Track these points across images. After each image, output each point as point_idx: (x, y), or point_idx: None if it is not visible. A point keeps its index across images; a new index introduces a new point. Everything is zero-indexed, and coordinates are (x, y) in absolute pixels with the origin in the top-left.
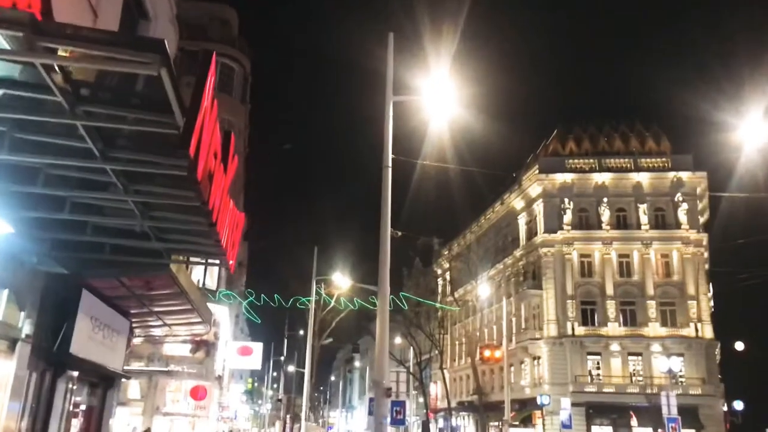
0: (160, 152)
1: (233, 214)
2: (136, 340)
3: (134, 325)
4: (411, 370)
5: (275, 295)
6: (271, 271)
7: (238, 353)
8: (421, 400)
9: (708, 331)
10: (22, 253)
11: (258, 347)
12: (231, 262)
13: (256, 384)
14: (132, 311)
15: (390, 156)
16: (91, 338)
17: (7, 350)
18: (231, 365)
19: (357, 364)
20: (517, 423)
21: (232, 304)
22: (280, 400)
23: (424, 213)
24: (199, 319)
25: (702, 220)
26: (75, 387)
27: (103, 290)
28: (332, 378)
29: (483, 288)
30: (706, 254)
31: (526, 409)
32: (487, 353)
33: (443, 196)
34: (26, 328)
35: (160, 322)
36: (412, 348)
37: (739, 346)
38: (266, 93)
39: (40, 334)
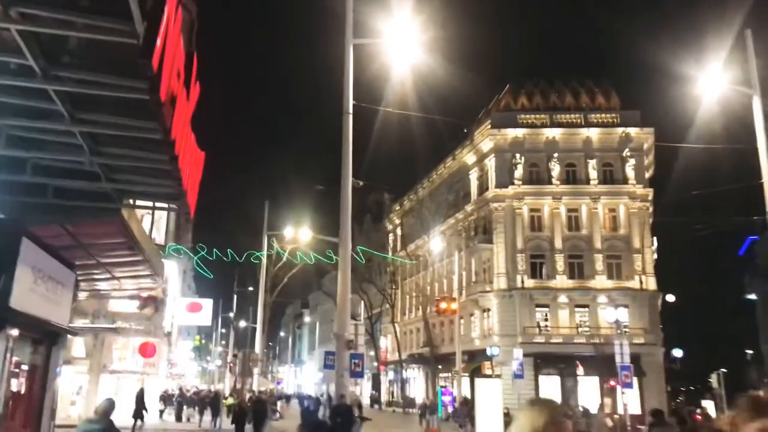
0: (114, 70)
1: (193, 150)
2: (81, 295)
3: (80, 278)
4: (362, 324)
5: (228, 250)
6: (219, 226)
7: (188, 310)
8: (371, 353)
9: (651, 283)
10: None
11: (208, 303)
12: (190, 206)
13: (203, 341)
14: (77, 262)
15: (351, 102)
16: (33, 291)
17: None
18: (180, 322)
19: (307, 319)
20: (467, 374)
21: (181, 258)
22: (236, 356)
23: (383, 163)
24: (150, 272)
25: (648, 175)
26: (15, 345)
27: (46, 239)
28: (282, 334)
29: (435, 242)
30: (651, 209)
31: (475, 360)
32: (443, 305)
33: (404, 144)
34: None
35: (107, 275)
36: (363, 302)
37: (670, 298)
38: (215, 37)
39: None
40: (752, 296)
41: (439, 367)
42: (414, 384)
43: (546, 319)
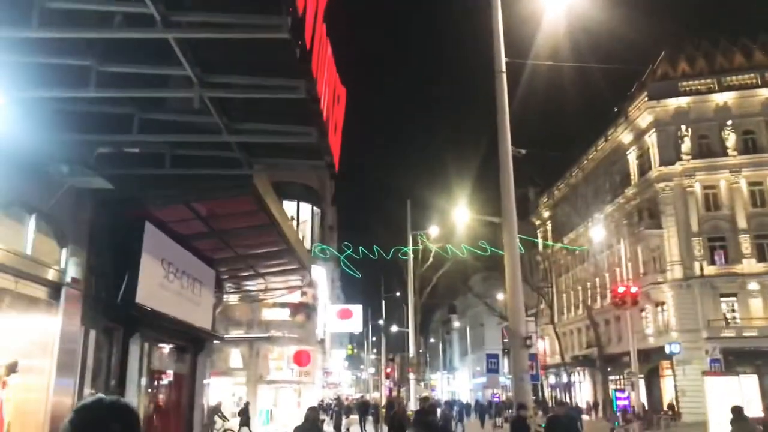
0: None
1: (334, 83)
2: (229, 298)
3: (222, 275)
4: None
5: (374, 247)
6: (362, 231)
7: (339, 316)
8: None
9: None
10: (40, 158)
11: (358, 309)
12: (334, 154)
13: (355, 350)
14: (216, 257)
15: (503, 59)
16: (165, 287)
17: (48, 299)
18: (332, 329)
19: (456, 324)
20: (642, 375)
21: (328, 260)
22: (392, 359)
23: (538, 128)
24: (296, 265)
25: None
26: (154, 349)
27: (173, 225)
28: (431, 340)
29: (594, 232)
30: None
31: (651, 359)
32: (621, 290)
33: (559, 106)
34: (71, 269)
35: (251, 271)
36: None
37: None
38: None
39: (94, 280)
40: None
41: (608, 369)
42: (580, 388)
43: (734, 310)
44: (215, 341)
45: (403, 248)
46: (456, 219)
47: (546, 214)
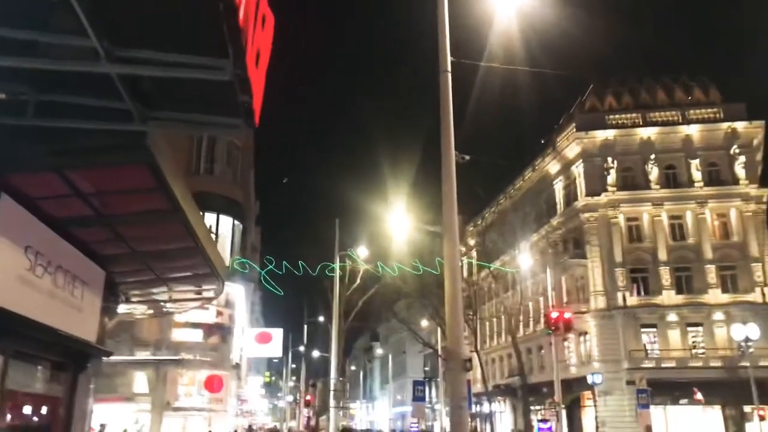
0: None
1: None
2: (135, 311)
3: (115, 277)
4: (440, 353)
5: (299, 262)
6: (287, 251)
7: (257, 341)
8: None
9: None
10: None
11: (278, 333)
12: (255, 102)
13: (273, 378)
14: (106, 252)
15: (448, 57)
16: (30, 284)
17: None
18: (249, 353)
19: (379, 351)
20: (564, 405)
21: (248, 280)
22: (313, 385)
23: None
24: (207, 270)
25: (759, 173)
26: (12, 365)
27: (44, 203)
28: (352, 368)
29: (522, 259)
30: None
31: (572, 390)
32: (554, 315)
33: (508, 108)
34: None
35: (151, 275)
36: (440, 330)
37: None
38: None
39: None
40: None
41: (530, 398)
42: (500, 418)
43: (654, 341)
44: (104, 358)
45: (330, 264)
46: (391, 230)
47: (472, 241)
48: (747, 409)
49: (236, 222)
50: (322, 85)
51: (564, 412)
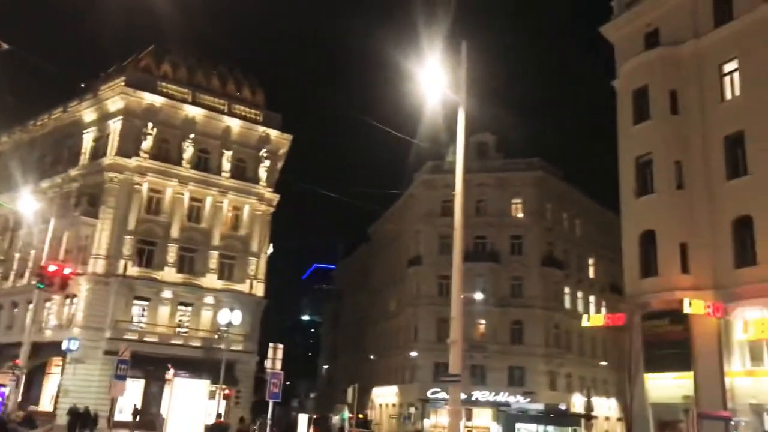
0: None
1: None
2: None
3: None
4: None
5: None
6: None
7: None
8: None
9: (260, 289)
10: None
11: None
12: None
13: None
14: None
15: None
16: None
17: None
18: None
19: None
20: (26, 370)
21: None
22: None
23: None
24: None
25: (276, 179)
26: None
27: None
28: None
29: (25, 202)
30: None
31: (41, 354)
32: (52, 268)
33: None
34: None
35: None
36: None
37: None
38: None
39: None
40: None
41: None
42: None
43: (143, 315)
44: None
45: None
46: None
47: None
48: (213, 387)
49: None
50: None
51: (24, 378)
